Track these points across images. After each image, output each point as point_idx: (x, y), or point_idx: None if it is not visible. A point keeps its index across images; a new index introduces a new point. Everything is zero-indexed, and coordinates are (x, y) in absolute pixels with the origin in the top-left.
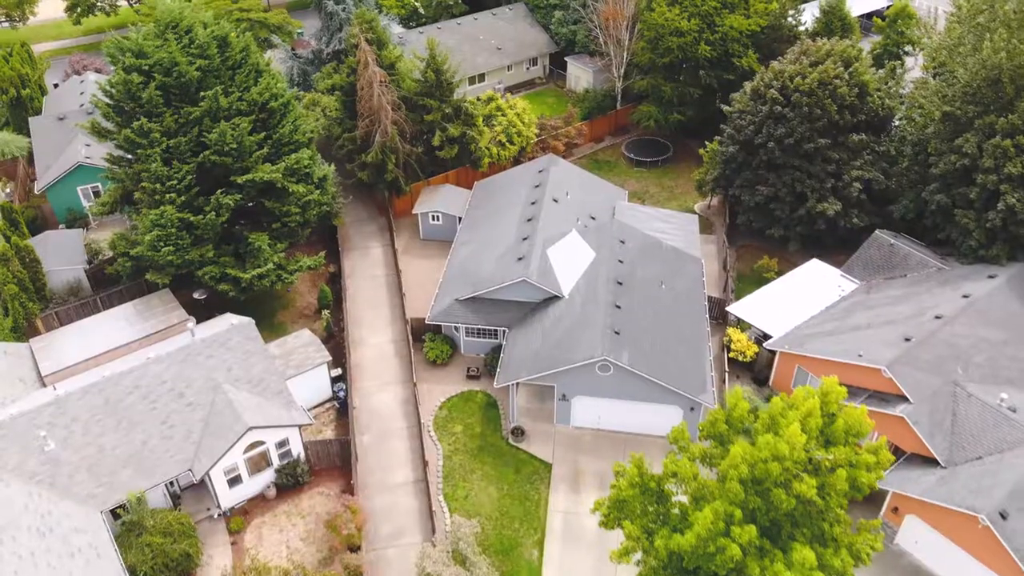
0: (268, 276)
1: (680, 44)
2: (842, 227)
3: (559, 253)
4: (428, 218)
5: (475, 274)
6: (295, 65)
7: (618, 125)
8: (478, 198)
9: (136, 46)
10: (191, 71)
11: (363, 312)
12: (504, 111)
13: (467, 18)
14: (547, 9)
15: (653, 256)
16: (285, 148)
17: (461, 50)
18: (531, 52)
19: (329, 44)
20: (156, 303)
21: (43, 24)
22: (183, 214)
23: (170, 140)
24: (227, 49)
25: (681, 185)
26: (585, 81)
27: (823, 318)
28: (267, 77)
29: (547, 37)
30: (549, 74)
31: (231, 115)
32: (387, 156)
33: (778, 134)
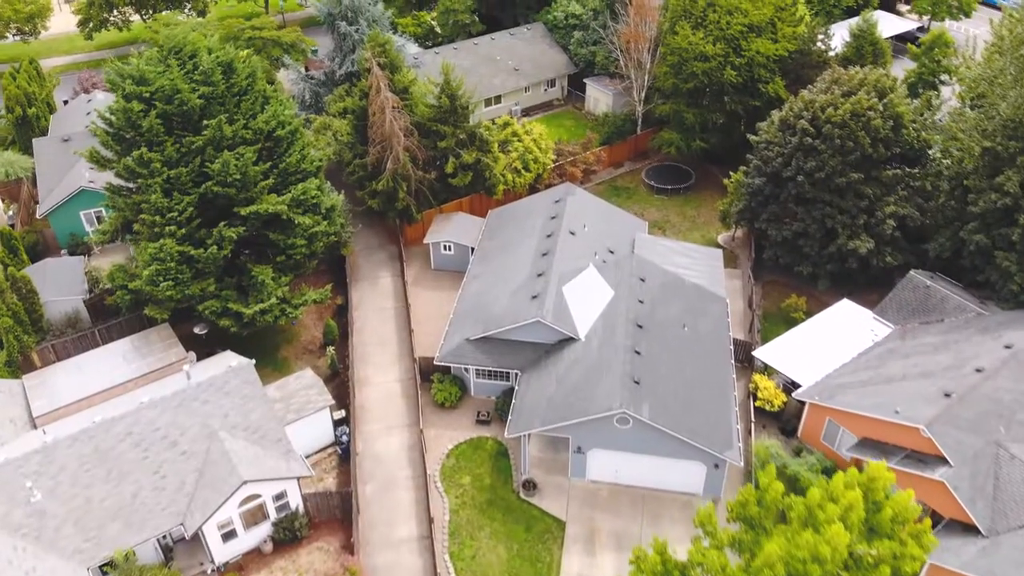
0: (271, 311)
1: (704, 69)
2: (874, 265)
3: (575, 291)
4: (440, 248)
5: (487, 311)
6: (307, 87)
7: (638, 150)
8: (492, 228)
9: (137, 72)
10: (194, 99)
11: (370, 348)
12: (520, 136)
13: (484, 38)
14: (566, 29)
15: (675, 295)
16: (292, 178)
17: (477, 71)
18: (549, 73)
19: (342, 66)
20: (155, 339)
21: (55, 38)
22: (183, 247)
23: (171, 170)
24: (232, 75)
25: (704, 214)
26: (604, 104)
27: (855, 366)
28: (274, 104)
29: (566, 58)
30: (567, 96)
31: (235, 144)
32: (398, 183)
33: (808, 167)
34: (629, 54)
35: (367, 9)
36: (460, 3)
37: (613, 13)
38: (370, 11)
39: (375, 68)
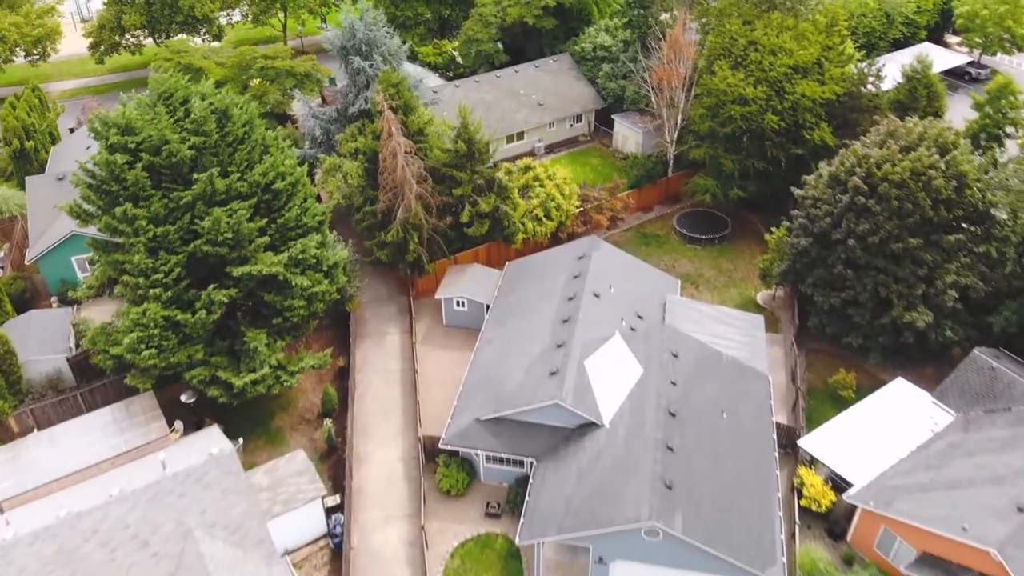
0: (264, 381)
1: (744, 114)
2: (932, 339)
3: (599, 366)
4: (452, 304)
5: (500, 386)
6: (317, 124)
7: (669, 193)
8: (509, 282)
9: (123, 120)
10: (183, 150)
11: (372, 418)
12: (542, 181)
13: (507, 71)
14: (594, 62)
15: (712, 373)
16: (291, 232)
17: (500, 106)
18: (575, 108)
19: (355, 103)
20: (136, 410)
21: (67, 60)
22: (169, 311)
23: (157, 228)
24: (227, 123)
25: (741, 268)
26: (633, 142)
27: (914, 463)
28: (275, 153)
29: (593, 92)
30: (594, 132)
31: (229, 198)
32: (409, 234)
33: (861, 230)
34: (661, 91)
35: (383, 43)
36: (483, 32)
37: (645, 46)
38: (386, 44)
39: (386, 111)
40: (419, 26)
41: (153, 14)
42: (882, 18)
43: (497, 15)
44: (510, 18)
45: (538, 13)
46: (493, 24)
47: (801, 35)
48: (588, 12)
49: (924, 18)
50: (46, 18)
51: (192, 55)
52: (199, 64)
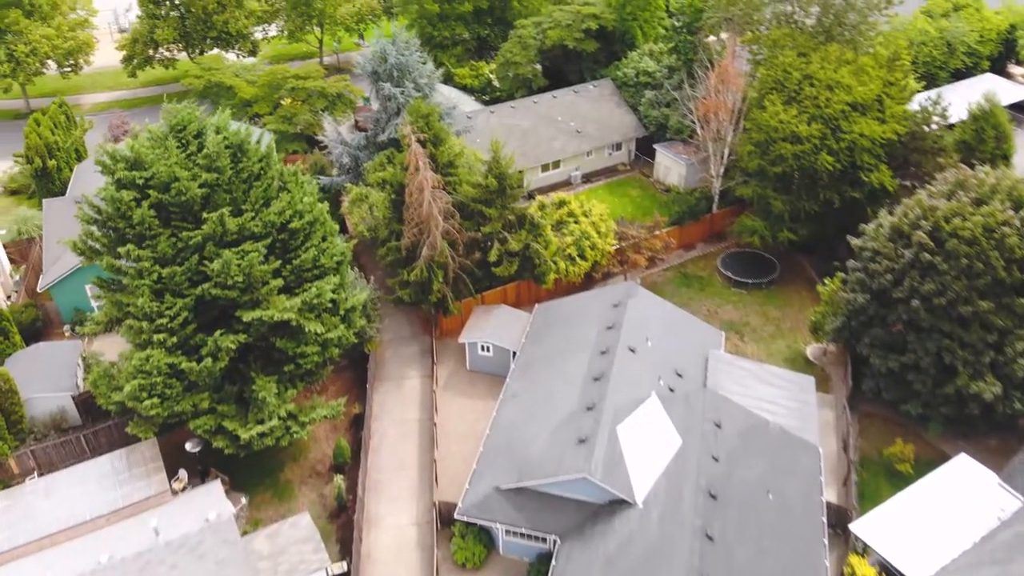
0: (272, 434)
1: (796, 152)
2: (1000, 411)
3: (633, 433)
4: (477, 348)
5: (523, 451)
6: (345, 151)
7: (713, 230)
8: (538, 327)
9: (132, 154)
10: (193, 188)
11: (385, 475)
12: (577, 218)
13: (545, 96)
14: (636, 88)
15: (758, 447)
16: (307, 274)
17: (536, 133)
18: (615, 136)
19: (385, 130)
20: (137, 459)
21: (102, 71)
22: (174, 358)
23: (163, 269)
24: (242, 158)
25: (789, 317)
26: (676, 174)
27: (977, 556)
28: (294, 190)
29: (635, 119)
30: (635, 160)
31: (241, 239)
32: (434, 272)
33: (926, 290)
34: (707, 124)
35: (415, 68)
36: (521, 55)
37: (691, 74)
38: (418, 70)
39: (414, 145)
40: (456, 47)
41: (187, 29)
42: (943, 47)
43: (536, 37)
44: (550, 41)
45: (579, 36)
46: (532, 47)
47: (860, 70)
48: (631, 36)
49: (987, 48)
50: (79, 31)
51: (223, 72)
52: (229, 82)
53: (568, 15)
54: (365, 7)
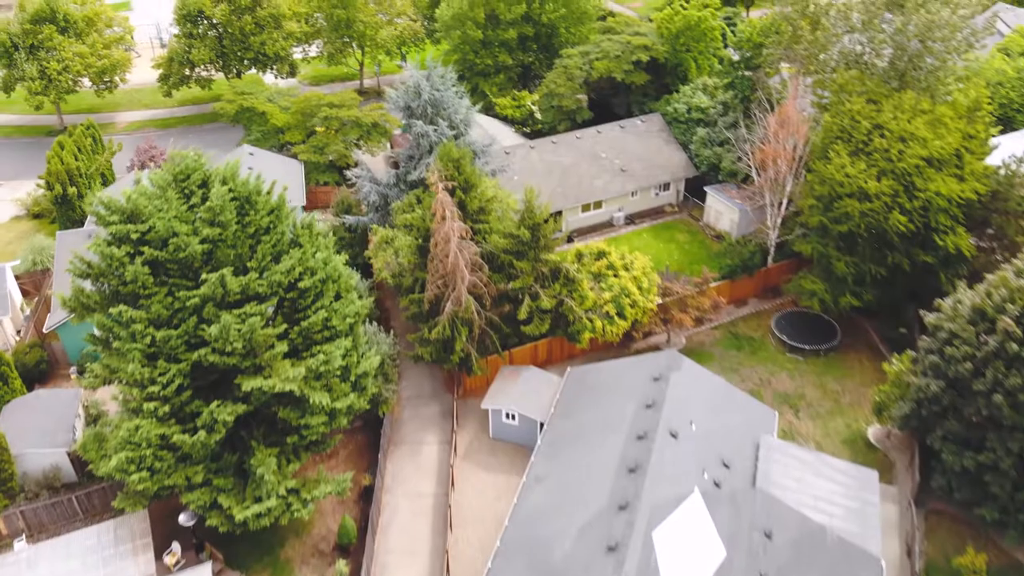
0: (271, 512)
1: (863, 210)
2: None
3: (671, 540)
4: (501, 415)
5: (545, 553)
6: (373, 189)
7: (767, 284)
8: (570, 396)
9: (128, 205)
10: (193, 244)
11: (393, 558)
12: (617, 271)
13: (589, 131)
14: (688, 124)
15: (812, 561)
16: (317, 336)
17: (577, 170)
18: (663, 176)
19: (416, 169)
20: (125, 534)
21: (140, 88)
22: (165, 428)
23: (158, 331)
24: (250, 211)
25: (850, 390)
26: (728, 220)
27: None
28: (307, 244)
29: (684, 157)
30: (683, 201)
31: (244, 299)
32: (457, 331)
33: (1011, 384)
34: (764, 170)
35: (450, 104)
36: (566, 86)
37: (748, 113)
38: (454, 106)
39: (441, 194)
40: (499, 74)
41: (224, 50)
42: (1021, 89)
43: (583, 68)
44: (596, 73)
45: (628, 68)
46: (577, 78)
47: (938, 120)
48: (685, 68)
49: None
50: (113, 48)
51: (256, 97)
52: (262, 108)
53: (617, 46)
54: (407, 30)
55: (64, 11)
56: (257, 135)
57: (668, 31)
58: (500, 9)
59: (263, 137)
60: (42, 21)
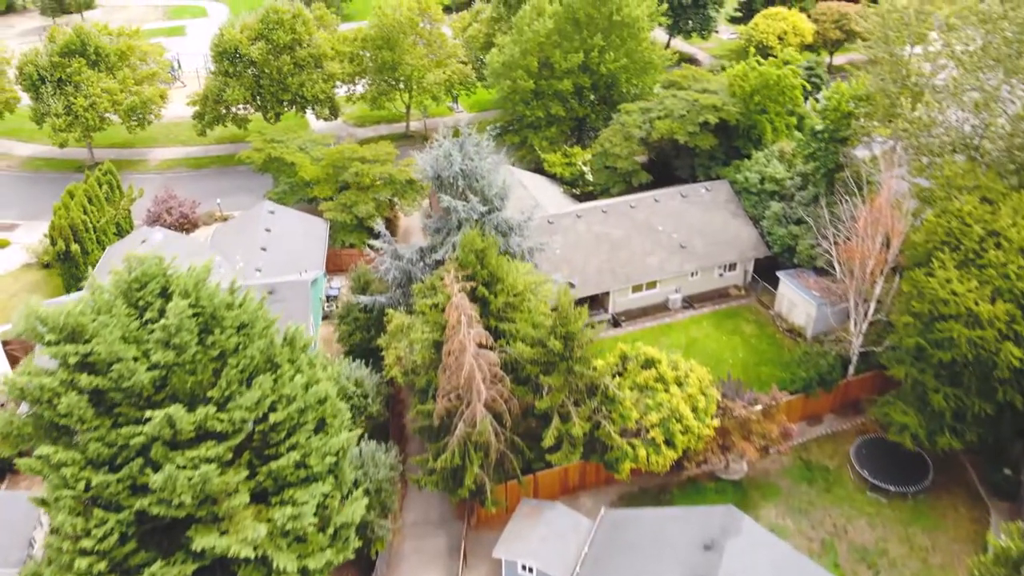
0: None
1: (972, 338)
2: None
3: None
4: (516, 567)
5: None
6: (394, 267)
7: (847, 398)
8: (601, 550)
9: (67, 321)
10: (140, 372)
11: None
12: (668, 385)
13: (646, 197)
14: (760, 196)
15: None
16: (290, 477)
17: (629, 245)
18: (729, 254)
19: (442, 246)
20: None
21: (177, 122)
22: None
23: (96, 474)
24: (215, 329)
25: (942, 547)
26: (803, 314)
27: None
28: (285, 366)
29: (755, 234)
30: (751, 284)
31: (200, 438)
32: (469, 458)
33: None
34: (850, 267)
35: (484, 176)
36: (622, 146)
37: (831, 188)
38: (488, 178)
39: (455, 297)
40: (550, 127)
41: (260, 90)
42: None
43: (642, 126)
44: (657, 133)
45: (693, 130)
46: (635, 137)
47: None
48: (759, 131)
49: None
50: (146, 84)
51: (287, 145)
52: (290, 158)
53: (683, 104)
54: (457, 74)
55: (96, 44)
56: (284, 187)
57: (741, 89)
58: (555, 57)
59: (290, 190)
60: (72, 54)
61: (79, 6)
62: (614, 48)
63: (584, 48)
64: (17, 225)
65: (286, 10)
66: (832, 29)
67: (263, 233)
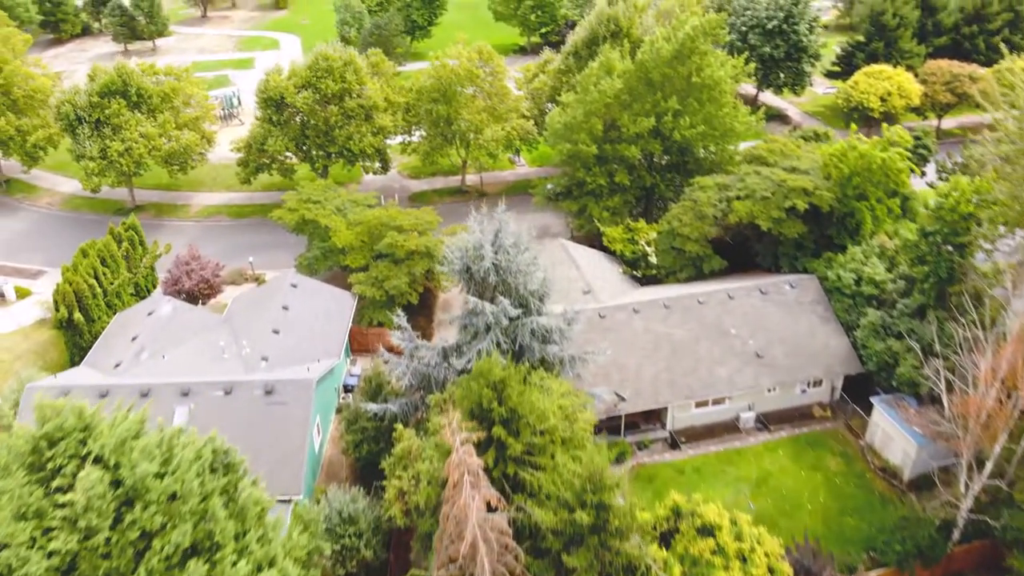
0: None
1: None
2: None
3: None
4: None
5: None
6: (410, 371)
7: (948, 570)
8: None
9: None
10: (36, 562)
11: None
12: (729, 560)
13: (717, 291)
14: (855, 300)
15: None
16: None
17: (694, 350)
18: (814, 369)
19: (466, 352)
20: None
21: (226, 164)
22: None
23: None
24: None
25: None
26: (900, 451)
27: None
28: (229, 546)
29: (846, 345)
30: (838, 403)
31: None
32: None
33: None
34: (965, 421)
35: (520, 273)
36: (692, 226)
37: (942, 301)
38: (524, 275)
39: (456, 453)
40: (613, 196)
41: (306, 141)
42: None
43: (718, 205)
44: (735, 216)
45: (779, 216)
46: (709, 217)
47: None
48: (857, 220)
49: None
50: (187, 130)
51: (323, 207)
52: (325, 221)
53: (767, 184)
54: (517, 129)
55: (138, 84)
56: (317, 252)
57: (838, 171)
58: (623, 120)
59: (322, 256)
60: (112, 94)
61: (151, 34)
62: (691, 112)
63: (656, 111)
64: (43, 273)
65: (336, 57)
66: (942, 91)
67: (279, 312)
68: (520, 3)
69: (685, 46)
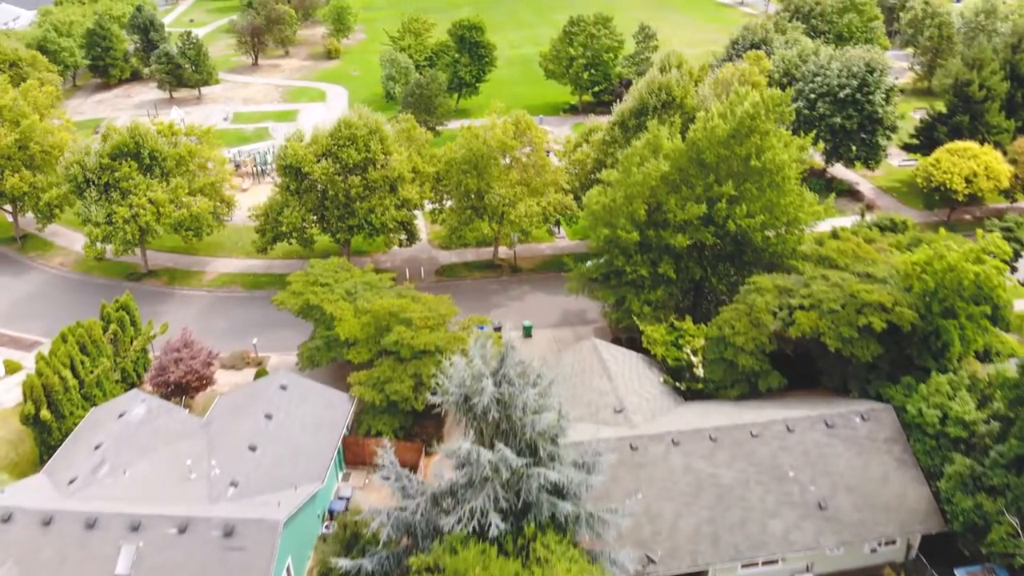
0: None
1: None
2: None
3: None
4: None
5: None
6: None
7: None
8: None
9: None
10: None
11: None
12: None
13: (774, 420)
14: (939, 441)
15: None
16: None
17: (744, 497)
18: (886, 525)
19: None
20: None
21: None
22: None
23: None
24: None
25: None
26: None
27: None
28: None
29: (926, 496)
30: (915, 563)
31: None
32: None
33: None
34: None
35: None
36: (746, 334)
37: None
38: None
39: None
40: (656, 289)
41: (324, 214)
42: None
43: (778, 312)
44: (797, 330)
45: (849, 335)
46: (766, 326)
47: None
48: (944, 340)
49: None
50: (200, 196)
51: (331, 290)
52: (329, 308)
53: (836, 293)
54: (554, 204)
55: (151, 146)
56: (319, 342)
57: (922, 284)
58: (669, 205)
59: (325, 347)
60: (123, 156)
61: (197, 82)
62: (748, 199)
63: (709, 196)
64: (39, 344)
65: (361, 125)
66: None
67: (261, 422)
68: (572, 62)
69: (743, 124)
